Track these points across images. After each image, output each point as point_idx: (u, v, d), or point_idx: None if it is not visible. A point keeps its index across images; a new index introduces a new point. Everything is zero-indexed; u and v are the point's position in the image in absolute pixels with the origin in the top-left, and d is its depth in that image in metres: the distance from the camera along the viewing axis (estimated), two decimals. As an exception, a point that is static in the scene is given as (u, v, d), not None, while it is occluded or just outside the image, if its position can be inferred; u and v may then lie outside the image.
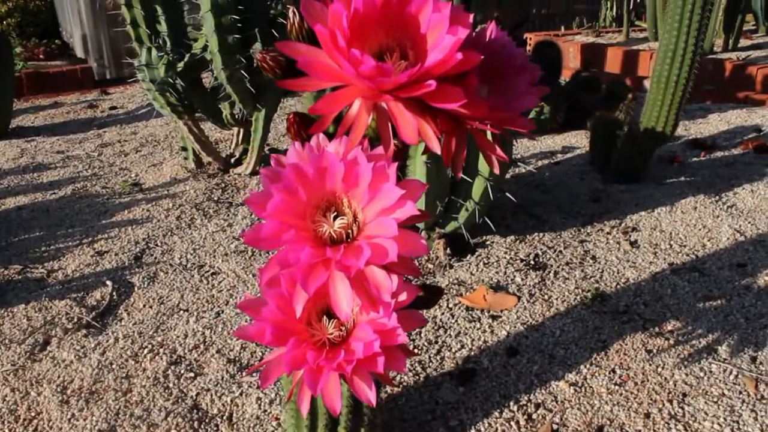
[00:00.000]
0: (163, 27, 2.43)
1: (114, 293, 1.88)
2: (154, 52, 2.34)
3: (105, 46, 5.89)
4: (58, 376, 1.53)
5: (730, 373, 1.40)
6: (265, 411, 1.37)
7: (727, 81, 4.33)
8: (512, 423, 1.29)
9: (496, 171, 0.87)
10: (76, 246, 2.19)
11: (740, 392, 1.35)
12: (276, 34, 2.41)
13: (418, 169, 1.76)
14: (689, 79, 2.15)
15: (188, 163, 2.85)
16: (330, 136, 0.87)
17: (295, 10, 0.87)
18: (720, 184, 2.44)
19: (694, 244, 1.98)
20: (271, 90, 2.53)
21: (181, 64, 2.40)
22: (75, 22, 6.13)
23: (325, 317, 0.90)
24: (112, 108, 4.15)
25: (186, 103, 2.58)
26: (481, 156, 1.76)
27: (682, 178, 2.53)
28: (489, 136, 0.85)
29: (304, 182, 0.82)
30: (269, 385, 0.88)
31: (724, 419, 1.28)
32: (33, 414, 1.42)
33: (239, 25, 2.24)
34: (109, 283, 1.93)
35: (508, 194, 1.86)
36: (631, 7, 6.19)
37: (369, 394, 0.86)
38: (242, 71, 2.30)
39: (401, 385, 1.41)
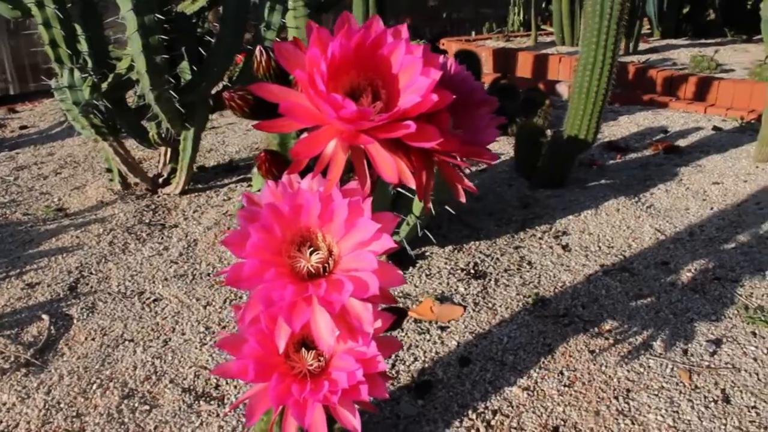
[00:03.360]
0: (83, 46, 2.35)
1: (52, 327, 1.82)
2: (77, 73, 2.26)
3: (6, 60, 5.60)
4: (0, 422, 1.47)
5: (666, 366, 1.51)
6: (228, 439, 1.37)
7: (631, 83, 4.59)
8: (473, 431, 1.34)
9: (462, 200, 0.91)
10: (2, 279, 2.09)
11: (677, 384, 1.45)
12: (203, 53, 2.38)
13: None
14: (608, 89, 2.28)
15: (114, 184, 2.77)
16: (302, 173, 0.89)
17: (262, 49, 0.89)
18: (637, 186, 2.60)
19: (620, 244, 2.10)
20: (200, 109, 2.50)
21: (105, 85, 2.33)
22: (-29, 35, 5.79)
23: (303, 349, 0.92)
24: (23, 127, 3.95)
25: (110, 124, 2.50)
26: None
27: (603, 181, 2.67)
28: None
29: (279, 220, 0.83)
30: (255, 421, 0.89)
31: (666, 410, 1.38)
32: (-23, 462, 1.35)
33: (166, 45, 2.20)
34: (45, 317, 1.86)
35: (448, 208, 1.92)
36: (537, 12, 6.43)
37: (354, 422, 0.88)
38: (171, 91, 2.26)
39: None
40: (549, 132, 2.96)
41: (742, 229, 2.19)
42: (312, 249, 0.84)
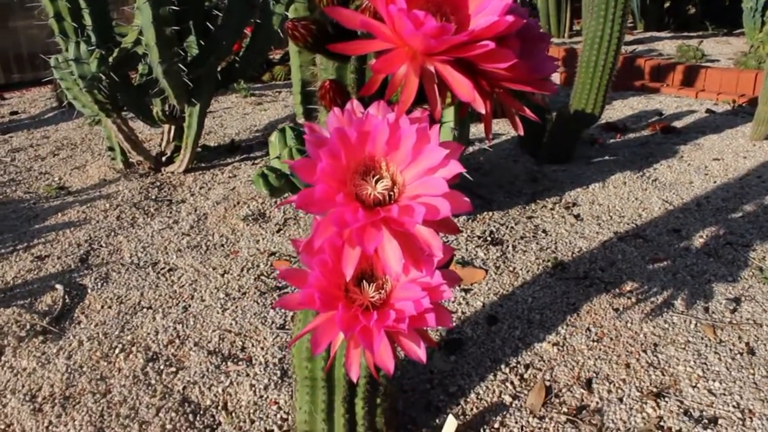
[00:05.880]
0: (87, 20, 2.32)
1: (66, 297, 1.79)
2: (83, 46, 2.22)
3: (-10, 49, 5.50)
4: (23, 385, 1.45)
5: (690, 323, 1.53)
6: (262, 397, 1.36)
7: (620, 71, 4.64)
8: (507, 384, 1.35)
9: (520, 132, 0.92)
10: (10, 253, 2.05)
11: (702, 338, 1.47)
12: (211, 27, 2.37)
13: (443, 136, 1.81)
14: (615, 64, 2.31)
15: (116, 163, 2.74)
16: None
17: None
18: (640, 162, 2.63)
19: (631, 214, 2.13)
20: (206, 84, 2.48)
21: (111, 59, 2.30)
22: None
23: (363, 282, 0.92)
24: (13, 113, 3.88)
25: (114, 100, 2.47)
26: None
27: (606, 157, 2.70)
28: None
29: (346, 146, 0.83)
30: (322, 351, 0.88)
31: (694, 362, 1.40)
32: (2, 426, 1.33)
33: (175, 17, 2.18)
34: (59, 286, 1.83)
35: (466, 174, 1.93)
36: (523, 6, 6.48)
37: (419, 352, 0.88)
38: (180, 64, 2.24)
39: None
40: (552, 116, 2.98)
41: (747, 200, 2.23)
42: (376, 178, 0.84)
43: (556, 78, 4.32)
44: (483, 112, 0.82)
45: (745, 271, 1.76)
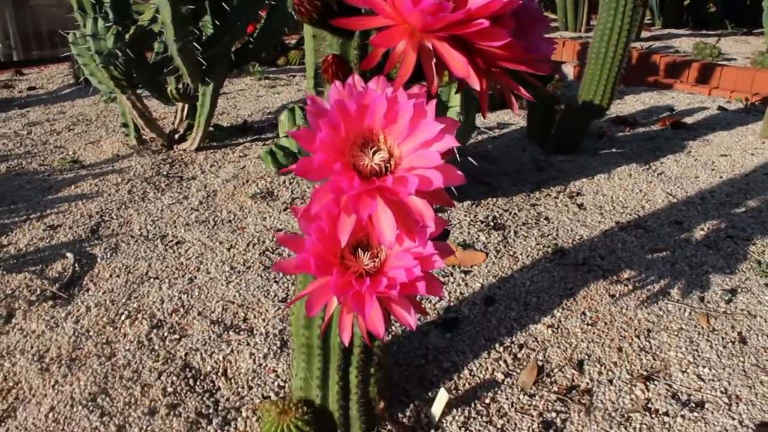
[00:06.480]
0: (105, -2, 2.36)
1: (76, 265, 1.84)
2: (100, 22, 2.27)
3: (11, 26, 5.57)
4: (31, 346, 1.49)
5: (684, 311, 1.56)
6: (261, 365, 1.40)
7: (634, 67, 4.63)
8: (500, 362, 1.38)
9: (516, 111, 0.95)
10: (24, 221, 2.10)
11: (695, 326, 1.50)
12: (226, 7, 2.40)
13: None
14: (624, 55, 2.32)
15: (129, 139, 2.78)
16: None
17: (331, -45, 0.92)
18: (647, 155, 2.64)
19: (634, 205, 2.15)
20: (220, 64, 2.52)
21: (127, 36, 2.34)
22: (-24, 0, 5.76)
23: (359, 251, 0.95)
24: (31, 89, 3.94)
25: (129, 77, 2.52)
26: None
27: (614, 150, 2.72)
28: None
29: (346, 118, 0.86)
30: (315, 313, 0.92)
31: (686, 349, 1.42)
32: (11, 384, 1.38)
33: (190, -4, 2.22)
34: (69, 254, 1.88)
35: (471, 159, 1.96)
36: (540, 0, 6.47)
37: (409, 319, 0.91)
38: (194, 43, 2.28)
39: (390, 335, 1.48)
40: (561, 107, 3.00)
41: (752, 195, 2.24)
42: (374, 150, 0.88)
43: (570, 72, 4.31)
44: (477, 88, 0.85)
45: (743, 263, 1.78)
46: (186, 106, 2.74)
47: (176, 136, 2.78)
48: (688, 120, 3.22)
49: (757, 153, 2.67)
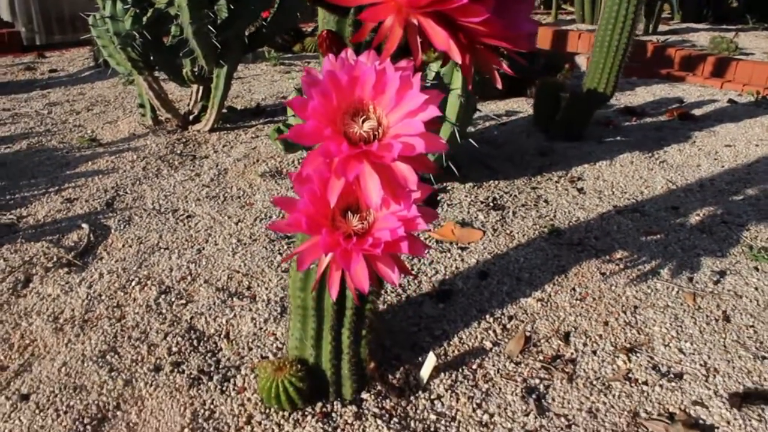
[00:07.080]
0: (124, -20, 2.44)
1: (91, 235, 1.92)
2: (119, 4, 2.35)
3: (34, 11, 5.69)
4: (47, 309, 1.58)
5: (672, 290, 1.61)
6: (261, 329, 1.48)
7: (649, 60, 4.64)
8: (490, 332, 1.45)
9: (499, 86, 1.00)
10: (42, 194, 2.20)
11: (681, 304, 1.55)
12: (241, -9, 2.47)
13: (450, 102, 1.90)
14: (629, 44, 2.36)
15: (146, 120, 2.87)
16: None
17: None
18: (651, 144, 2.68)
19: (633, 191, 2.19)
20: (234, 47, 2.59)
21: (145, 18, 2.42)
22: (1, -17, 5.88)
23: (349, 213, 1.02)
24: (52, 71, 4.05)
25: (146, 59, 2.60)
26: (449, 102, 1.90)
27: (618, 138, 2.76)
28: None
29: (337, 88, 0.93)
30: (306, 268, 0.99)
31: (670, 324, 1.47)
32: (27, 342, 1.46)
33: (206, -20, 2.29)
34: (84, 225, 1.96)
35: (472, 141, 2.02)
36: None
37: (393, 276, 0.98)
38: (209, 26, 2.35)
39: (386, 304, 1.54)
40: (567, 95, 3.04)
41: (752, 184, 2.27)
42: (363, 119, 0.94)
43: (583, 63, 4.34)
44: (459, 61, 0.91)
45: (735, 248, 1.82)
46: (201, 88, 2.82)
47: (191, 117, 2.86)
48: (697, 111, 3.25)
49: (762, 144, 2.70)
